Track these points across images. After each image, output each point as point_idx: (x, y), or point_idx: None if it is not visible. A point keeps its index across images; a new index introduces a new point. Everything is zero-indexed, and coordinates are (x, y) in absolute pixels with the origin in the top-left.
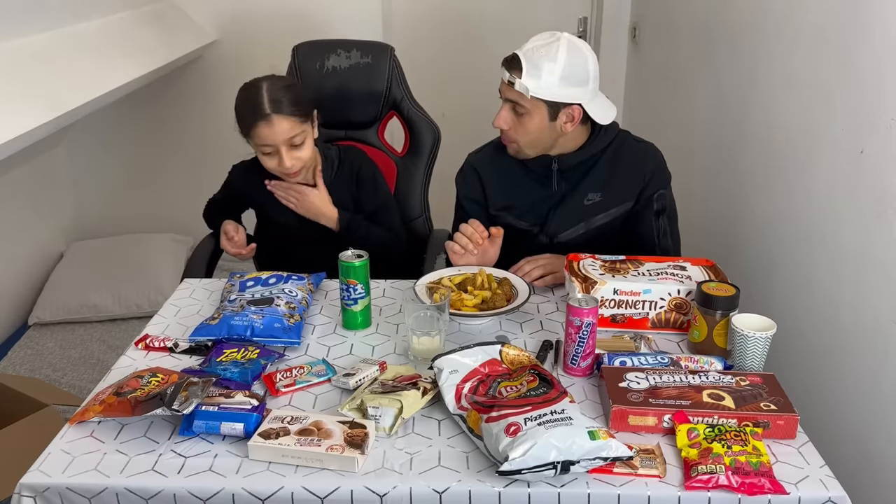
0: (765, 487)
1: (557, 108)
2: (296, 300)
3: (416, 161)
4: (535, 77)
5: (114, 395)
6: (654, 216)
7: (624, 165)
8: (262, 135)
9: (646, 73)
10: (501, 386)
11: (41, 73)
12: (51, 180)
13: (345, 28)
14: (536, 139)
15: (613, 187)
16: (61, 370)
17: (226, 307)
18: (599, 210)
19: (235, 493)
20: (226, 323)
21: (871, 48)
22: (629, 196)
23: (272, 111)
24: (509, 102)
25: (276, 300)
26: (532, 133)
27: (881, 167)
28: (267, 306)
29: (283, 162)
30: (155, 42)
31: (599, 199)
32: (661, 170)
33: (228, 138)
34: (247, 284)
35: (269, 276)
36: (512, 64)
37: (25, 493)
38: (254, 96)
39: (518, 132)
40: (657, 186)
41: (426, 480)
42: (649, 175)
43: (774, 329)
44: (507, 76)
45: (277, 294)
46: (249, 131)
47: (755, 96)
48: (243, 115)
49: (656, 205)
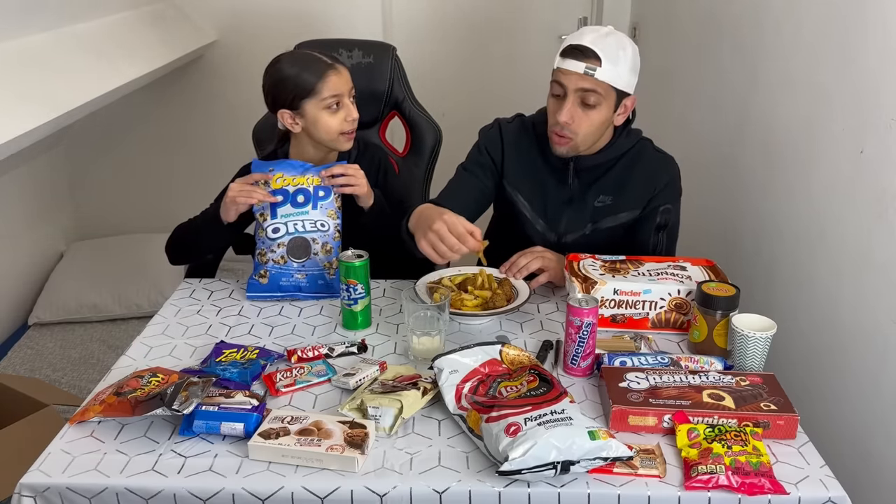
0: (765, 487)
1: (622, 98)
2: (329, 236)
3: (417, 161)
4: (615, 64)
5: (114, 395)
6: (655, 230)
7: (639, 172)
8: (333, 83)
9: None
10: (501, 386)
11: (41, 74)
12: (51, 180)
13: (345, 27)
14: (596, 132)
15: (625, 193)
16: (61, 370)
17: (267, 257)
18: (608, 213)
19: (235, 493)
20: (276, 283)
21: (871, 48)
22: (639, 203)
23: (332, 61)
24: (578, 95)
25: (313, 244)
26: (595, 125)
27: (881, 167)
28: (307, 258)
29: (352, 112)
30: (155, 42)
31: (610, 203)
32: (674, 184)
33: (229, 138)
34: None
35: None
36: (587, 54)
37: (25, 493)
38: (305, 58)
39: (582, 125)
40: (665, 199)
41: (426, 480)
42: (661, 186)
43: (774, 329)
44: (583, 67)
45: (312, 234)
46: (316, 86)
47: (755, 96)
48: (301, 76)
49: (660, 218)
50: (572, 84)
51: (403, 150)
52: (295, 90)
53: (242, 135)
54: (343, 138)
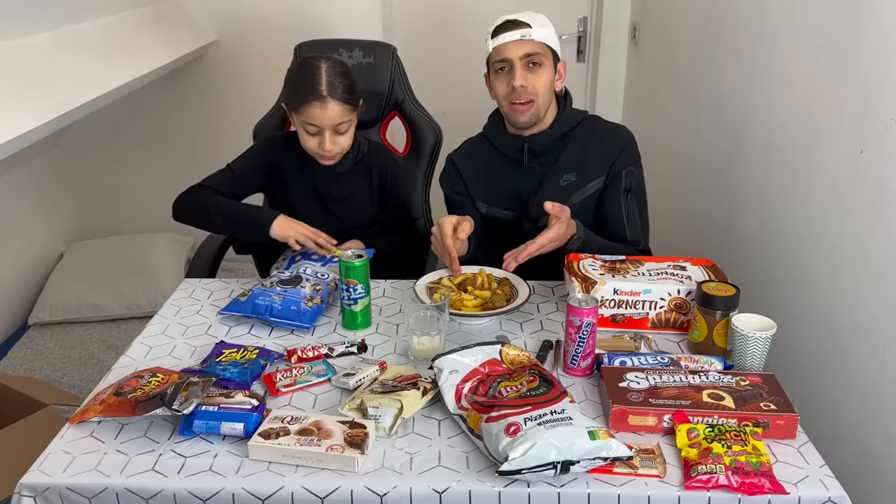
0: (765, 487)
1: (556, 60)
2: (323, 282)
3: (417, 161)
4: (543, 27)
5: (114, 395)
6: (623, 193)
7: (595, 142)
8: (313, 115)
9: (646, 73)
10: (501, 386)
11: (42, 73)
12: (51, 180)
13: (344, 27)
14: (549, 93)
15: (587, 165)
16: (61, 370)
17: (263, 282)
18: (575, 188)
19: (235, 493)
20: (251, 301)
21: (870, 48)
22: (601, 171)
23: (328, 94)
24: (522, 61)
25: (304, 280)
26: (547, 84)
27: (881, 167)
28: (292, 287)
29: (324, 144)
30: (155, 42)
31: (575, 179)
32: (632, 146)
33: (228, 138)
34: (295, 259)
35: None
36: (517, 24)
37: (25, 492)
38: (312, 74)
39: (538, 84)
40: (626, 162)
41: (426, 480)
42: (619, 150)
43: (774, 329)
44: (518, 34)
45: (309, 275)
46: (299, 108)
47: (755, 96)
48: (297, 89)
49: (625, 182)
50: (515, 52)
51: (403, 150)
52: (287, 97)
53: (242, 135)
54: (319, 158)
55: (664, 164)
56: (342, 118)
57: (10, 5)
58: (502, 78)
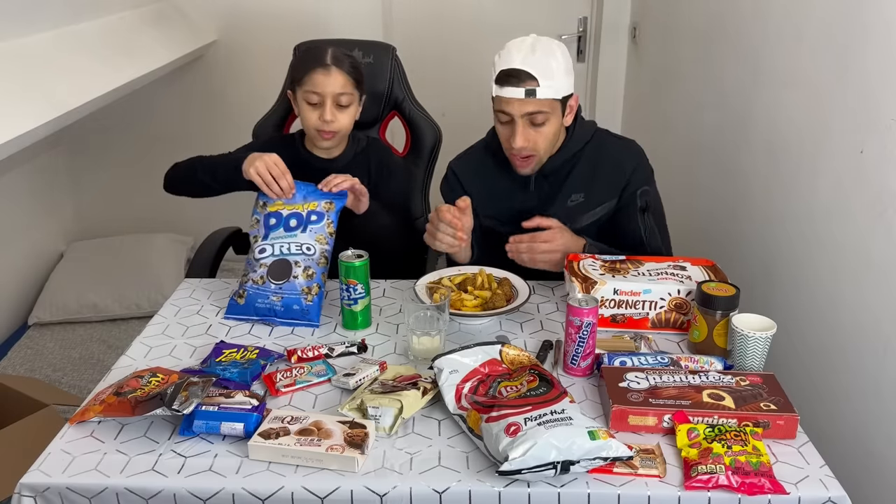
0: (765, 487)
1: (565, 102)
2: (313, 260)
3: (417, 161)
4: (551, 79)
5: (114, 395)
6: (640, 213)
7: (605, 163)
8: (317, 81)
9: (646, 73)
10: (501, 386)
11: (41, 73)
12: (51, 180)
13: (344, 27)
14: (552, 142)
15: (596, 186)
16: (61, 370)
17: (248, 276)
18: (584, 210)
19: (235, 493)
20: (252, 304)
21: (871, 48)
22: (612, 194)
23: (332, 63)
24: (525, 118)
25: (294, 267)
26: (551, 138)
27: (881, 167)
28: (286, 281)
29: (324, 114)
30: (155, 42)
31: (583, 200)
32: (643, 165)
33: (228, 138)
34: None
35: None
36: (522, 77)
37: (25, 492)
38: (318, 48)
39: (539, 144)
40: (640, 183)
41: (426, 480)
42: (630, 171)
43: (774, 329)
44: (522, 92)
45: (296, 257)
46: (303, 78)
47: (755, 96)
48: (303, 62)
49: (640, 201)
50: (517, 110)
51: (403, 150)
52: (292, 73)
53: (242, 134)
54: (319, 135)
55: (664, 164)
56: (344, 88)
57: (9, 6)
58: (504, 129)
